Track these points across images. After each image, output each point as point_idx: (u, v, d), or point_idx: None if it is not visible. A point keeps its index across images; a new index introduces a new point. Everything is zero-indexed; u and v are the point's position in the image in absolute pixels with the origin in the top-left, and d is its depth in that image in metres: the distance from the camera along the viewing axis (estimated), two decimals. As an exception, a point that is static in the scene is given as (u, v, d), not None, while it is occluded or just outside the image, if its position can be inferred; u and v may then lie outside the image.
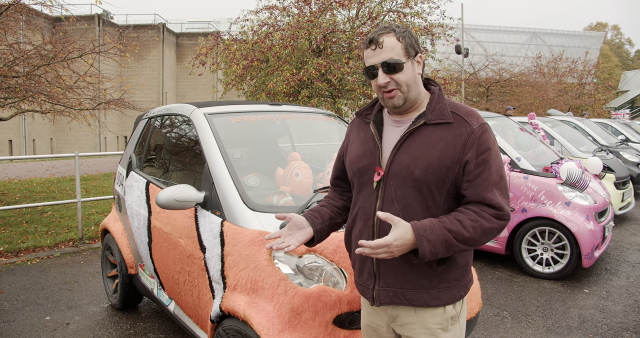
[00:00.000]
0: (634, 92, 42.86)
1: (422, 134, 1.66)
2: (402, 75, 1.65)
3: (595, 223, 4.98)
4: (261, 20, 11.31)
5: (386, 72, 1.64)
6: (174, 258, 3.00)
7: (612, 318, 4.11)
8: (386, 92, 1.67)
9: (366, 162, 1.75)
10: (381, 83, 1.65)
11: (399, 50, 1.64)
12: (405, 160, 1.65)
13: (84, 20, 22.34)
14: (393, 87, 1.66)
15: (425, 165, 1.62)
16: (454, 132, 1.64)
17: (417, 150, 1.64)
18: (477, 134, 1.63)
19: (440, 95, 1.73)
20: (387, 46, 1.64)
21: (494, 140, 1.67)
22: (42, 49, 8.03)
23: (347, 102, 11.74)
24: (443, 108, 1.68)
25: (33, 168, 15.29)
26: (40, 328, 3.80)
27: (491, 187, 1.62)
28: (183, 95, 36.91)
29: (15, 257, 5.69)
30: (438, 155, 1.61)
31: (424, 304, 1.69)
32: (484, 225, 1.59)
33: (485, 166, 1.62)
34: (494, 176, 1.64)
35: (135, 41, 11.60)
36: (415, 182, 1.63)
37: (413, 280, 1.68)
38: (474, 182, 1.62)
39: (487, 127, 1.67)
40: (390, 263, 1.69)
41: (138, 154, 3.96)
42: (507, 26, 47.11)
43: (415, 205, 1.65)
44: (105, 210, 8.27)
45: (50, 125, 13.54)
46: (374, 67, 1.66)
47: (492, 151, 1.65)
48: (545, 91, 23.20)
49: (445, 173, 1.62)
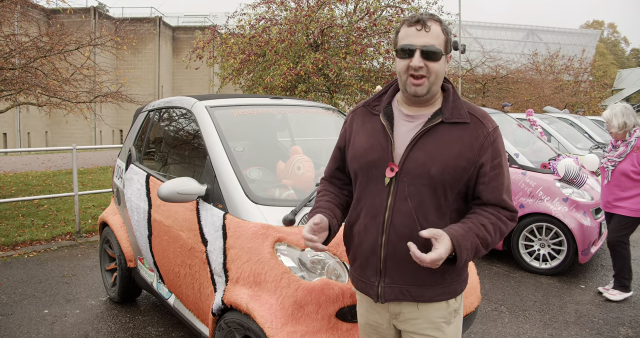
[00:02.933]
0: (628, 91, 43.08)
1: (438, 132, 1.64)
2: (436, 65, 1.62)
3: (592, 219, 5.01)
4: (258, 14, 11.28)
5: (424, 57, 1.60)
6: (174, 252, 3.00)
7: (608, 313, 4.14)
8: (415, 77, 1.62)
9: (376, 155, 1.70)
10: (415, 65, 1.59)
11: (441, 41, 1.62)
12: (421, 158, 1.62)
13: (80, 12, 22.16)
14: (424, 73, 1.61)
15: (442, 164, 1.61)
16: (470, 133, 1.64)
17: (434, 148, 1.63)
18: (493, 137, 1.66)
19: (455, 93, 1.71)
20: (433, 32, 1.60)
21: (504, 145, 1.72)
22: (38, 40, 7.97)
23: (344, 97, 11.74)
24: (460, 107, 1.67)
25: (28, 161, 15.21)
26: (38, 322, 3.79)
27: (505, 190, 1.68)
28: (179, 89, 36.77)
29: (12, 250, 5.67)
30: (455, 155, 1.61)
31: (428, 300, 1.69)
32: (502, 228, 1.65)
33: (500, 170, 1.66)
34: (507, 180, 1.69)
35: (132, 34, 11.53)
36: (430, 180, 1.62)
37: (419, 277, 1.68)
38: (489, 184, 1.65)
39: (499, 131, 1.71)
40: (398, 260, 1.67)
41: (138, 147, 3.94)
42: (504, 23, 47.18)
43: (429, 203, 1.64)
44: (102, 203, 8.24)
45: (45, 119, 13.45)
46: (413, 47, 1.60)
47: (504, 155, 1.70)
48: (541, 88, 23.24)
49: (461, 173, 1.62)
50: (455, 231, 1.56)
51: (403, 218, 1.64)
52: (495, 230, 1.63)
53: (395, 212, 1.64)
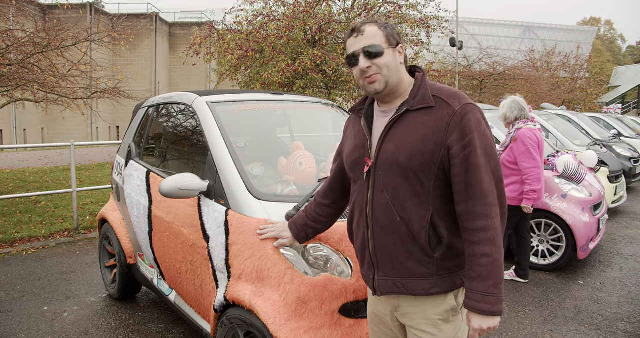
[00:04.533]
0: (625, 88, 43.16)
1: (405, 120, 1.66)
2: (382, 60, 1.66)
3: (590, 215, 5.03)
4: (256, 10, 11.22)
5: (367, 57, 1.67)
6: (175, 248, 2.99)
7: (607, 309, 4.16)
8: (367, 78, 1.69)
9: (357, 154, 1.79)
10: (362, 67, 1.67)
11: (380, 38, 1.68)
12: (390, 149, 1.66)
13: (76, 8, 22.02)
14: (374, 72, 1.67)
15: (408, 152, 1.61)
16: (435, 116, 1.61)
17: (401, 137, 1.65)
18: (460, 115, 1.59)
19: (423, 80, 1.71)
20: (368, 34, 1.68)
21: (479, 120, 1.61)
22: (35, 36, 7.91)
23: (342, 93, 11.71)
24: (425, 93, 1.66)
25: (25, 158, 15.14)
26: (38, 319, 3.78)
27: (484, 170, 1.59)
28: (176, 85, 36.63)
29: (10, 247, 5.65)
30: (420, 140, 1.60)
31: (423, 292, 1.69)
32: (496, 236, 1.60)
33: (471, 148, 1.57)
34: (483, 159, 1.59)
35: (129, 30, 11.46)
36: (400, 169, 1.64)
37: (410, 268, 1.68)
38: (462, 165, 1.58)
39: (472, 108, 1.61)
40: (386, 252, 1.70)
41: (137, 143, 3.92)
42: (501, 20, 47.10)
43: (404, 192, 1.65)
44: (100, 200, 8.22)
45: (42, 115, 13.39)
46: (355, 53, 1.69)
47: (478, 133, 1.59)
48: (538, 85, 23.26)
49: (430, 157, 1.60)
50: (484, 303, 1.57)
51: (382, 210, 1.68)
52: (493, 248, 1.58)
53: (375, 204, 1.70)
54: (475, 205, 1.58)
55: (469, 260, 1.61)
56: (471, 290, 1.59)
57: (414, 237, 1.64)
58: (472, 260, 1.59)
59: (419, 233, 1.63)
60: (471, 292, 1.59)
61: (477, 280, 1.58)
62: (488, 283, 1.57)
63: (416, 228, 1.63)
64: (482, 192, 1.58)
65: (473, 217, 1.59)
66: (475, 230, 1.58)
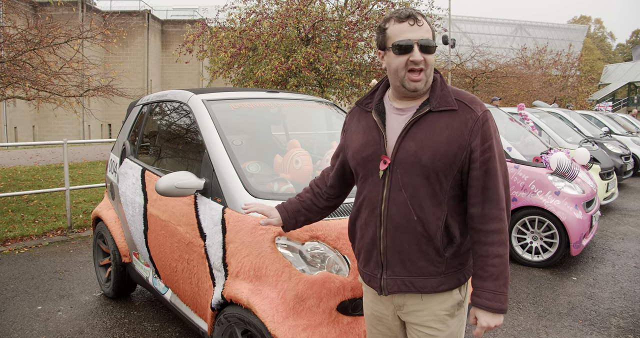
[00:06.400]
0: (615, 85, 43.46)
1: (427, 121, 1.66)
2: (432, 58, 1.66)
3: (583, 212, 5.07)
4: (249, 7, 11.19)
5: (422, 51, 1.63)
6: (171, 246, 2.98)
7: (600, 304, 4.20)
8: (413, 72, 1.64)
9: (370, 150, 1.74)
10: (417, 59, 1.61)
11: (431, 34, 1.67)
12: (412, 148, 1.64)
13: (69, 5, 21.84)
14: (423, 67, 1.64)
15: (432, 152, 1.62)
16: (459, 119, 1.64)
17: (424, 137, 1.64)
18: (482, 120, 1.65)
19: (443, 82, 1.73)
20: (425, 26, 1.64)
21: (495, 127, 1.70)
22: (27, 33, 7.84)
23: (335, 91, 11.72)
24: (447, 95, 1.68)
25: (16, 156, 15.01)
26: (32, 318, 3.76)
27: (502, 175, 1.67)
28: (168, 83, 36.43)
29: (2, 246, 5.60)
30: (445, 142, 1.62)
31: (431, 290, 1.70)
32: (505, 237, 1.67)
33: (491, 153, 1.65)
34: (500, 165, 1.67)
35: (122, 27, 11.39)
36: (422, 169, 1.63)
37: (422, 267, 1.69)
38: (481, 169, 1.64)
39: (490, 115, 1.69)
40: (398, 251, 1.69)
41: (132, 141, 3.90)
42: (493, 18, 47.28)
43: (423, 192, 1.65)
44: (93, 198, 8.17)
45: (33, 113, 13.29)
46: (410, 42, 1.62)
47: (495, 139, 1.68)
48: (530, 83, 23.40)
49: (453, 159, 1.63)
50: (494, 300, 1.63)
51: (399, 209, 1.67)
52: (505, 249, 1.66)
53: (391, 203, 1.68)
54: (492, 209, 1.65)
55: (480, 260, 1.66)
56: (482, 289, 1.64)
57: (429, 237, 1.66)
58: (485, 260, 1.64)
59: (435, 233, 1.65)
60: (482, 291, 1.64)
61: (489, 280, 1.63)
62: (499, 282, 1.63)
63: (432, 228, 1.65)
64: (498, 196, 1.65)
65: (488, 219, 1.65)
66: (489, 232, 1.65)
